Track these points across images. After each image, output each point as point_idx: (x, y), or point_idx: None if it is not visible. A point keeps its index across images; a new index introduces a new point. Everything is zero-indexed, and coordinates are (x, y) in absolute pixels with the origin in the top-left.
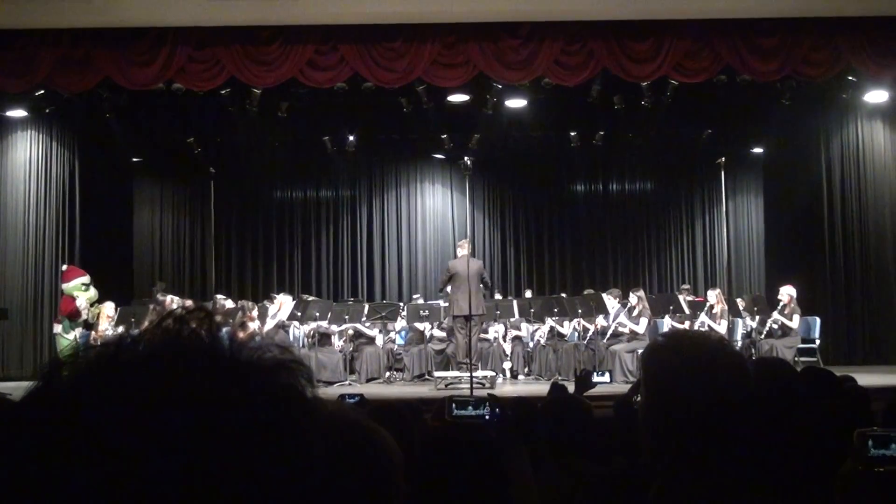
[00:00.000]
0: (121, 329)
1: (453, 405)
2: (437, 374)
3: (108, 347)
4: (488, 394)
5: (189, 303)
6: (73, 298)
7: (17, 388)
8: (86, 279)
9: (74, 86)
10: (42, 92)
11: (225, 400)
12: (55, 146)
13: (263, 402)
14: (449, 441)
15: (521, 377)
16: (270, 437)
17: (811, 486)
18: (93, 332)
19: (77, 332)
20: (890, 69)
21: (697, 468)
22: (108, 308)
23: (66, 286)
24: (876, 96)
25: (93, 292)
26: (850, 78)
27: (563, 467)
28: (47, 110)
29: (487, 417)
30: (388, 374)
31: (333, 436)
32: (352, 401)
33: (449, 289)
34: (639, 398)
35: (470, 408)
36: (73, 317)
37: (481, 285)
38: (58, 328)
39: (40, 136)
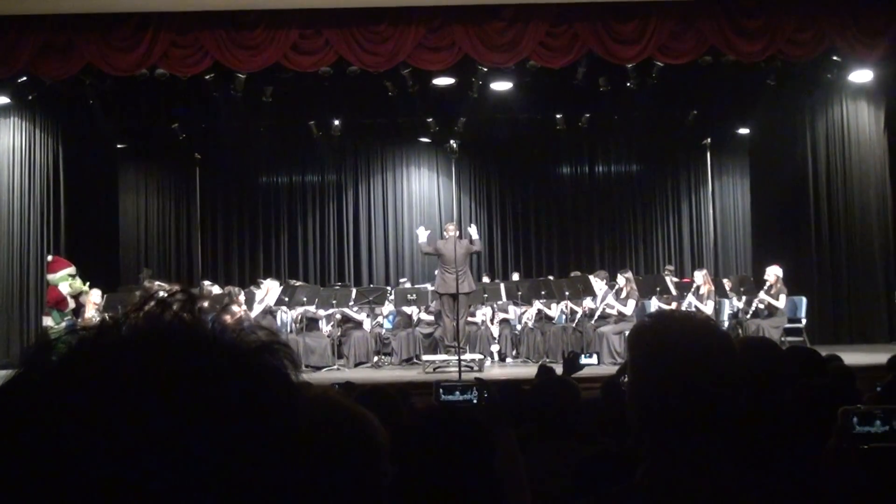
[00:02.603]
0: (107, 316)
1: (441, 390)
2: (425, 357)
3: (90, 331)
4: (475, 377)
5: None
6: (57, 287)
7: (2, 377)
8: (72, 270)
9: (57, 72)
10: (24, 79)
11: (207, 382)
12: (38, 133)
13: (246, 383)
14: (437, 424)
15: (508, 360)
16: (253, 418)
17: (797, 464)
18: (79, 320)
19: (66, 322)
20: (874, 49)
21: (684, 448)
22: (95, 295)
23: (51, 277)
24: (860, 76)
25: (79, 283)
26: (834, 58)
27: (552, 449)
28: (30, 97)
29: (475, 401)
30: (376, 358)
31: (319, 418)
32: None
33: (437, 272)
34: (625, 379)
35: (457, 392)
36: (60, 306)
37: (472, 249)
38: (48, 320)
39: (23, 123)
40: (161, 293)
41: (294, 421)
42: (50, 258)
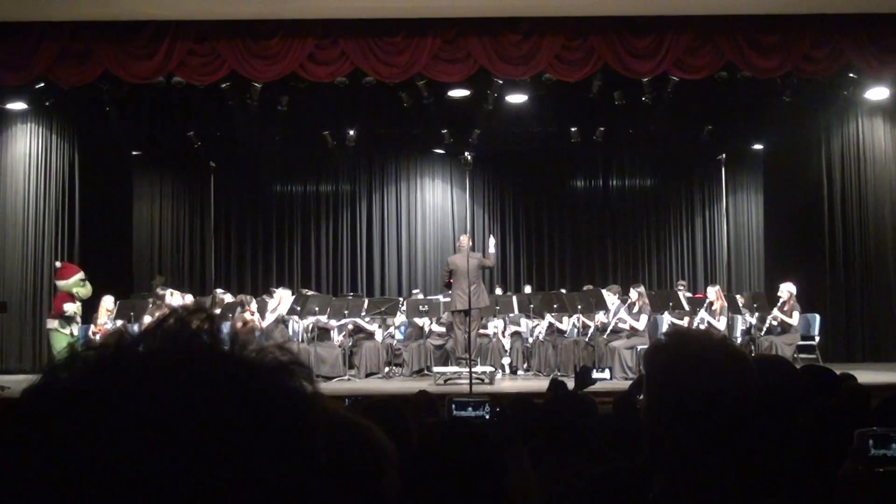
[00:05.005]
0: (119, 323)
1: (453, 405)
2: (436, 369)
3: (108, 349)
4: (486, 393)
5: (189, 297)
6: (71, 296)
7: (15, 382)
8: (82, 275)
9: (74, 79)
10: (42, 85)
11: (226, 403)
12: (55, 139)
13: (265, 404)
14: (446, 440)
15: (520, 373)
16: (273, 440)
17: (812, 486)
18: (92, 326)
19: (73, 328)
20: (891, 66)
21: (698, 468)
22: (108, 302)
23: (63, 283)
24: (877, 93)
25: (88, 288)
26: (851, 75)
27: (563, 465)
28: (47, 103)
29: (487, 417)
30: (387, 369)
31: (329, 434)
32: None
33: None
34: (641, 397)
35: (470, 408)
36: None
37: (484, 263)
38: (53, 324)
39: (40, 129)
40: (179, 310)
41: (313, 443)
42: (58, 264)
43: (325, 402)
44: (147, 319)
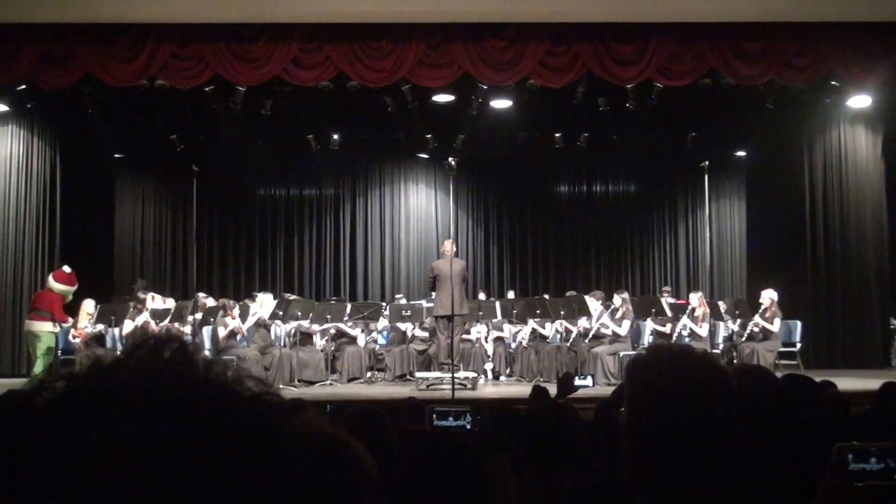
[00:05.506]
0: (100, 327)
1: (434, 415)
2: (418, 374)
3: (78, 380)
4: (468, 400)
5: (170, 301)
6: (62, 298)
7: None
8: (76, 288)
9: (56, 81)
10: (23, 87)
11: (197, 436)
12: (36, 142)
13: (238, 436)
14: (426, 451)
15: (502, 378)
16: (246, 473)
17: (792, 501)
18: (72, 330)
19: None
20: (873, 74)
21: (680, 481)
22: (88, 305)
23: (64, 288)
24: (858, 101)
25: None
26: (833, 83)
27: (545, 475)
28: (28, 105)
29: (468, 427)
30: (369, 374)
31: (303, 451)
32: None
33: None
34: (622, 409)
35: (451, 418)
36: (61, 317)
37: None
38: (49, 326)
39: (21, 131)
40: (152, 339)
41: (288, 474)
42: (67, 269)
43: (301, 429)
44: (127, 323)
